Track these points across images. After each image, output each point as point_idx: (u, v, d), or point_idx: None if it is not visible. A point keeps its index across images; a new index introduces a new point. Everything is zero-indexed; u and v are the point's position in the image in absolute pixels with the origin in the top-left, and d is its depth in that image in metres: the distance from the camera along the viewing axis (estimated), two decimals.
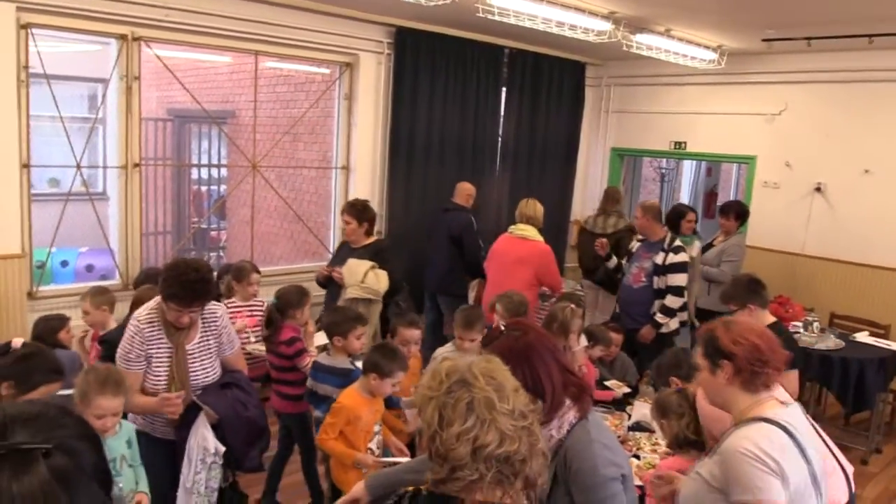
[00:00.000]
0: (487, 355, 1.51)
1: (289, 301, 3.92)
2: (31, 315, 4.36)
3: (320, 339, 4.23)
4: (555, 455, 1.93)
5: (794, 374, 3.67)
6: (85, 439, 1.00)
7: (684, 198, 10.96)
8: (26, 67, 4.38)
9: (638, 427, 3.90)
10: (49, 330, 3.92)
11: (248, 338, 4.35)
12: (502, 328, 2.02)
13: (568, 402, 1.93)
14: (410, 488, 1.53)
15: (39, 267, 4.98)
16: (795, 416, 2.04)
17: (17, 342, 2.40)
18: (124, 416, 2.97)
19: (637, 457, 3.52)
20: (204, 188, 9.81)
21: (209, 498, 2.92)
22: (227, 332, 3.11)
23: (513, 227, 5.37)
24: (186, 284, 2.78)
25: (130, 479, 2.66)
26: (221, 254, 9.26)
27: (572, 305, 3.71)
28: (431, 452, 1.37)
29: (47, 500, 0.89)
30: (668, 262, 5.00)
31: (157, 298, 2.94)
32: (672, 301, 4.99)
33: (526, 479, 1.34)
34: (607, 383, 4.31)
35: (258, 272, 4.68)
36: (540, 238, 5.30)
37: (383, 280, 4.50)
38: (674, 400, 2.85)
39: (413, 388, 3.57)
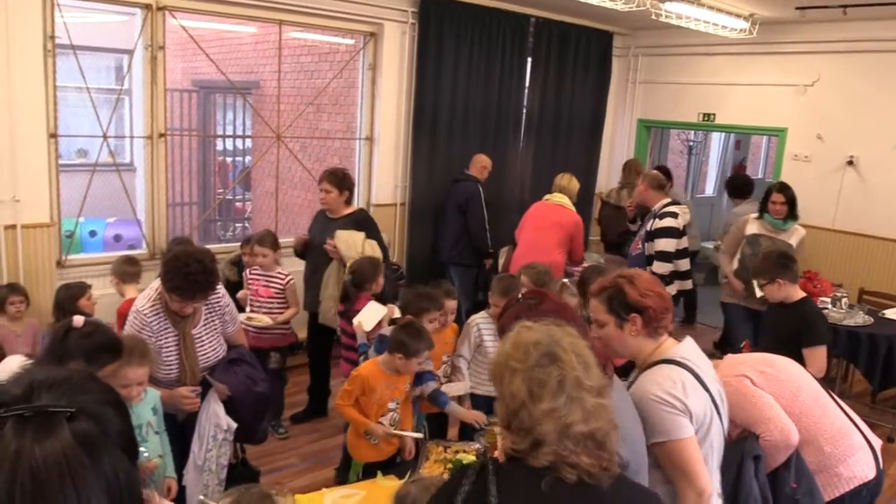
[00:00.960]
0: (565, 326, 1.48)
1: (364, 275, 3.99)
2: (60, 283, 4.43)
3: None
4: None
5: (822, 351, 3.63)
6: (110, 405, 0.99)
7: (711, 171, 10.80)
8: (52, 37, 4.40)
9: None
10: (69, 298, 4.00)
11: (260, 308, 4.36)
12: (519, 296, 2.01)
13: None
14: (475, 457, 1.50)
15: (69, 236, 5.06)
16: (689, 349, 2.14)
17: (79, 320, 2.33)
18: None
19: None
20: (229, 159, 9.87)
21: (219, 475, 2.95)
22: (230, 310, 3.11)
23: (548, 195, 5.62)
24: (189, 277, 2.72)
25: (156, 446, 2.70)
26: (247, 224, 9.33)
27: (565, 281, 3.75)
28: (512, 424, 1.36)
29: (70, 464, 0.88)
30: (654, 228, 5.04)
31: (157, 286, 2.90)
32: (658, 267, 4.96)
33: (610, 450, 1.35)
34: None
35: (270, 246, 4.38)
36: (573, 209, 5.53)
37: (377, 250, 4.46)
38: None
39: (445, 357, 3.60)
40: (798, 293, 3.78)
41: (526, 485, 1.31)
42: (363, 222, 4.58)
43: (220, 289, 3.06)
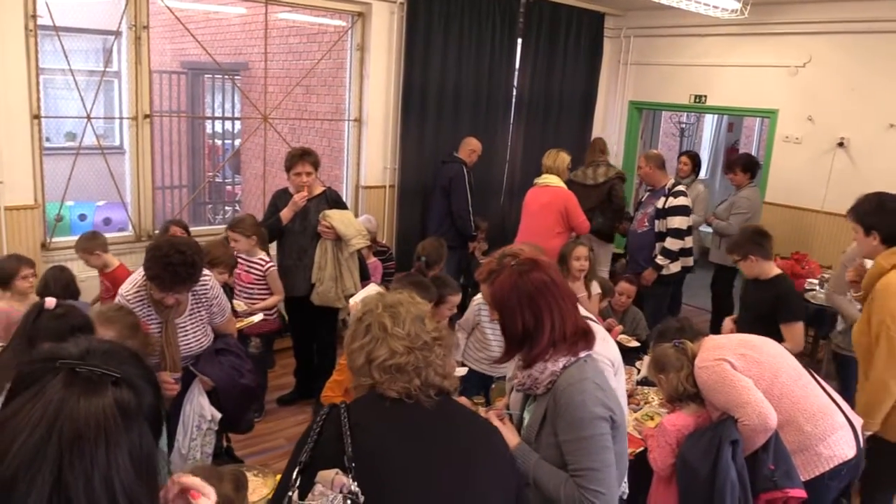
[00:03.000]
0: (411, 294, 1.75)
1: (438, 255, 4.24)
2: (45, 266, 4.41)
3: None
4: (546, 392, 1.92)
5: (798, 326, 3.69)
6: (148, 382, 1.09)
7: (704, 153, 10.78)
8: (34, 17, 4.34)
9: (647, 382, 3.90)
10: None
11: (242, 293, 4.35)
12: (510, 260, 1.97)
13: (570, 340, 1.91)
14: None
15: (58, 220, 5.02)
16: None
17: (51, 302, 2.32)
18: None
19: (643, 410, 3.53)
20: (219, 142, 9.80)
21: (204, 464, 2.92)
22: (219, 301, 3.05)
23: (537, 178, 5.61)
24: (168, 267, 2.67)
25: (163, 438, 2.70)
26: (237, 207, 9.29)
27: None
28: (351, 369, 1.68)
29: (107, 423, 0.97)
30: (667, 206, 5.20)
31: (142, 272, 2.86)
32: (671, 243, 5.17)
33: (424, 380, 1.61)
34: (618, 337, 4.30)
35: (242, 231, 4.25)
36: (563, 185, 5.49)
37: (364, 227, 4.53)
38: (671, 354, 2.82)
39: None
40: (773, 269, 3.81)
41: (369, 400, 1.63)
42: (339, 200, 4.56)
43: (209, 279, 3.02)
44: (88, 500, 0.94)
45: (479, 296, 3.65)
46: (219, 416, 2.94)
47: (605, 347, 2.21)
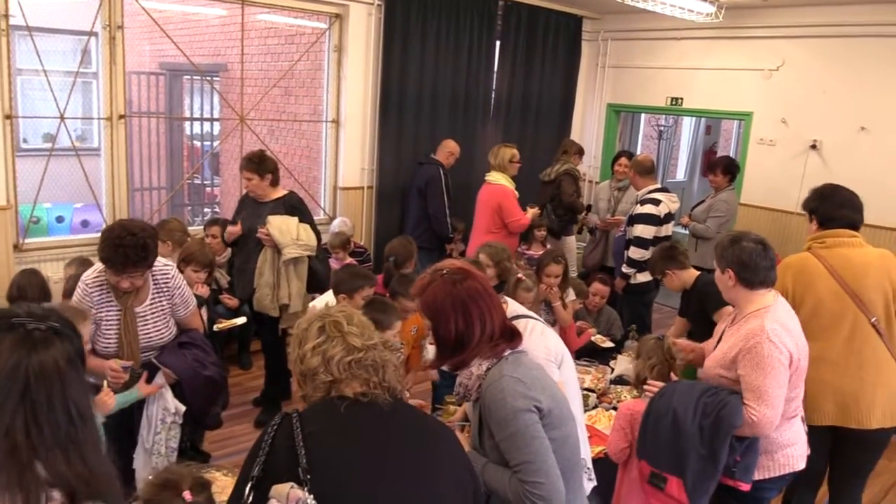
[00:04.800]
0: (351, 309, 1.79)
1: (404, 254, 4.25)
2: (18, 267, 4.37)
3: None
4: (478, 397, 1.96)
5: (728, 309, 3.70)
6: (75, 331, 1.33)
7: (682, 155, 10.88)
8: (6, 16, 4.31)
9: (620, 381, 3.93)
10: None
11: None
12: (442, 272, 2.00)
13: (493, 342, 1.96)
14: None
15: (35, 222, 4.98)
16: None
17: None
18: None
19: (616, 409, 3.56)
20: (197, 143, 9.76)
21: (169, 458, 2.92)
22: (181, 292, 3.02)
23: (486, 174, 5.65)
24: (119, 249, 2.65)
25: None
26: (217, 209, 9.25)
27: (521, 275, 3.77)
28: (299, 379, 1.67)
29: (61, 368, 1.23)
30: (634, 213, 5.13)
31: None
32: (634, 252, 5.06)
33: (382, 378, 1.64)
34: (591, 338, 4.34)
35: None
36: (505, 182, 5.46)
37: (312, 234, 4.34)
38: (650, 343, 2.99)
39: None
40: (692, 274, 3.92)
41: (322, 407, 1.61)
42: (296, 206, 4.38)
43: (171, 269, 3.01)
44: (49, 410, 1.20)
45: None
46: (183, 408, 2.93)
47: (542, 340, 2.25)
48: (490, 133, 7.00)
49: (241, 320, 4.16)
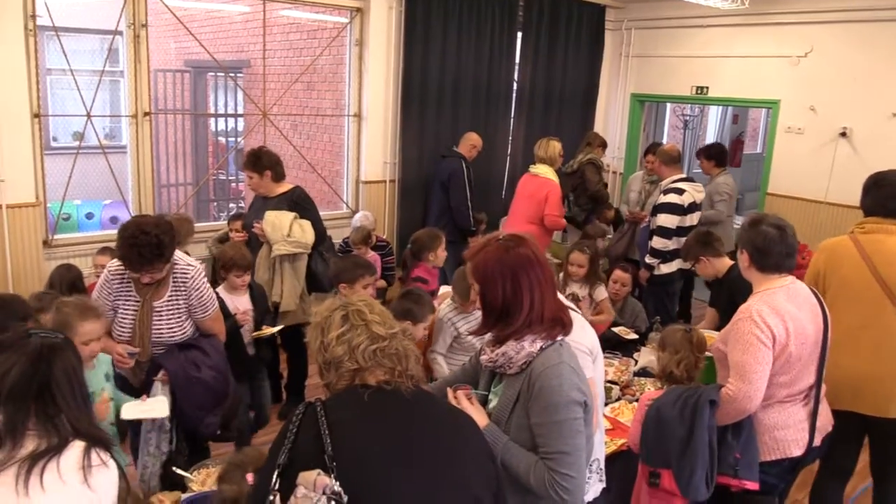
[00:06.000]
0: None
1: (423, 244, 4.15)
2: (47, 262, 4.46)
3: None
4: (520, 373, 1.93)
5: None
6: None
7: None
8: (33, 17, 4.38)
9: (644, 373, 3.90)
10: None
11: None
12: (497, 238, 1.98)
13: (548, 324, 1.92)
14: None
15: (65, 219, 5.07)
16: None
17: None
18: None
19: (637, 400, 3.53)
20: (222, 139, 9.85)
21: (161, 459, 2.89)
22: (199, 294, 2.98)
23: (531, 166, 5.68)
24: (134, 248, 2.68)
25: (111, 411, 2.72)
26: (242, 204, 9.33)
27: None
28: (322, 367, 1.67)
29: (74, 368, 1.76)
30: (658, 202, 5.11)
31: None
32: (657, 242, 5.02)
33: (405, 368, 1.65)
34: (615, 329, 4.30)
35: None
36: (553, 177, 5.53)
37: (308, 231, 4.26)
38: (677, 337, 2.91)
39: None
40: (726, 262, 3.88)
41: (346, 395, 1.62)
42: (299, 201, 4.31)
43: (192, 270, 2.98)
44: (62, 387, 1.69)
45: (444, 310, 3.61)
46: (166, 413, 2.80)
47: (583, 335, 2.22)
48: (513, 125, 6.97)
49: (279, 327, 4.10)
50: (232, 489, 2.00)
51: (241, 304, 3.73)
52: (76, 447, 1.66)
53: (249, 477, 1.85)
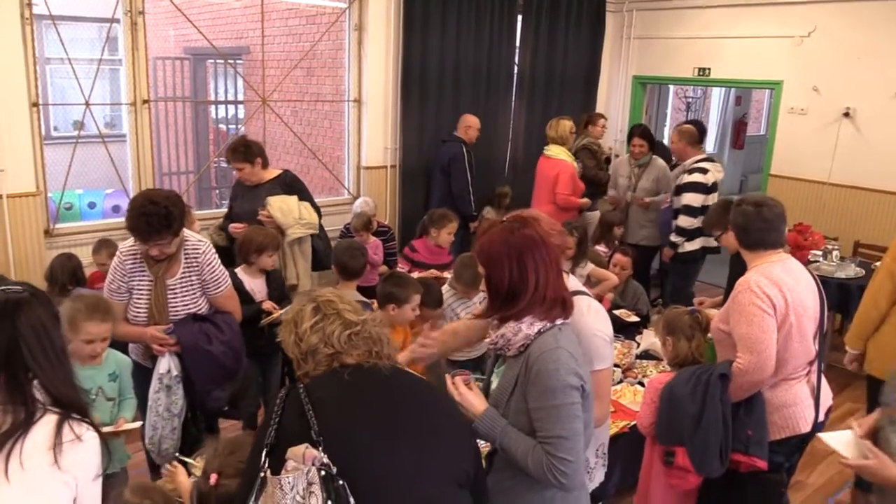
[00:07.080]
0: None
1: (431, 220, 4.55)
2: (49, 252, 4.47)
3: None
4: (518, 356, 1.92)
5: None
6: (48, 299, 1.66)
7: (712, 127, 10.68)
8: (29, 5, 4.36)
9: (646, 355, 3.91)
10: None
11: None
12: (503, 221, 1.97)
13: (549, 303, 1.91)
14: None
15: (69, 208, 5.06)
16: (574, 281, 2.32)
17: None
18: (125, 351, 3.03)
19: (641, 384, 3.54)
20: (223, 127, 9.82)
21: (171, 422, 2.94)
22: (211, 270, 3.02)
23: (545, 148, 5.81)
24: (142, 218, 2.71)
25: (105, 413, 2.67)
26: None
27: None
28: (298, 359, 1.71)
29: (47, 320, 1.58)
30: (682, 182, 5.19)
31: None
32: (683, 220, 5.14)
33: (381, 349, 1.71)
34: (616, 312, 4.30)
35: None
36: (566, 157, 5.64)
37: (312, 212, 4.27)
38: (685, 321, 2.88)
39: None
40: None
41: (326, 376, 1.67)
42: (293, 184, 4.31)
43: (203, 245, 3.02)
44: (31, 346, 1.53)
45: (445, 296, 3.62)
46: (176, 371, 2.91)
47: (606, 324, 2.20)
48: (514, 109, 6.93)
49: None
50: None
51: (256, 286, 3.72)
52: (46, 423, 1.52)
53: (213, 478, 1.83)
